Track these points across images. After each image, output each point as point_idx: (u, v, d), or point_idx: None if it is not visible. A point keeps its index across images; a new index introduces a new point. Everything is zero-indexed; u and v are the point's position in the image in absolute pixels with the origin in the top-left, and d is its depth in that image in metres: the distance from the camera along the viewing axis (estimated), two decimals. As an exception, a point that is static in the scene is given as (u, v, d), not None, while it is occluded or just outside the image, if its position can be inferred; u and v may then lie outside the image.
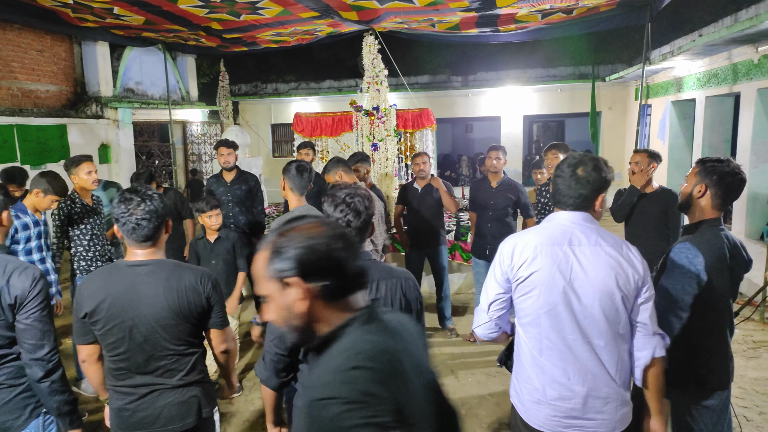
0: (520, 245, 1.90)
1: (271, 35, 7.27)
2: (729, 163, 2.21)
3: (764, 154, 7.09)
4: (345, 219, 1.84)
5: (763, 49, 6.81)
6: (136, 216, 1.98)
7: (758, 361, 4.61)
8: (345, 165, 4.01)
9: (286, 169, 3.20)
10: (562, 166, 1.95)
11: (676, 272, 2.12)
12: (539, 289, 1.84)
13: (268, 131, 16.02)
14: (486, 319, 1.99)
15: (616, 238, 1.91)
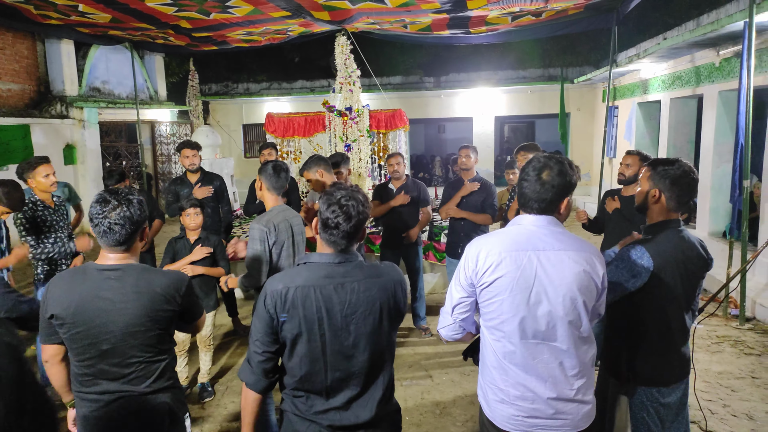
0: (484, 250, 1.88)
1: (242, 34, 7.19)
2: (680, 164, 2.24)
3: (726, 154, 7.32)
4: (335, 221, 1.83)
5: (724, 53, 7.03)
6: (110, 220, 1.93)
7: (722, 356, 4.75)
8: (326, 163, 3.95)
9: (263, 169, 3.18)
10: (527, 169, 1.93)
11: (617, 267, 2.21)
12: (503, 295, 1.85)
13: (240, 131, 15.84)
14: (450, 321, 2.00)
15: (581, 242, 1.93)
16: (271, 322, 1.82)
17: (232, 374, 4.55)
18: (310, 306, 1.80)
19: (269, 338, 1.84)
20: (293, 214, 3.25)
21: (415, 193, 5.14)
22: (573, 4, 5.89)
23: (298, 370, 1.85)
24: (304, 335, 1.82)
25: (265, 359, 1.85)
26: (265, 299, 1.83)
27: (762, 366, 4.53)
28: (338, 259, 1.87)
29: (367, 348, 1.85)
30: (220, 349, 5.04)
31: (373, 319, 1.85)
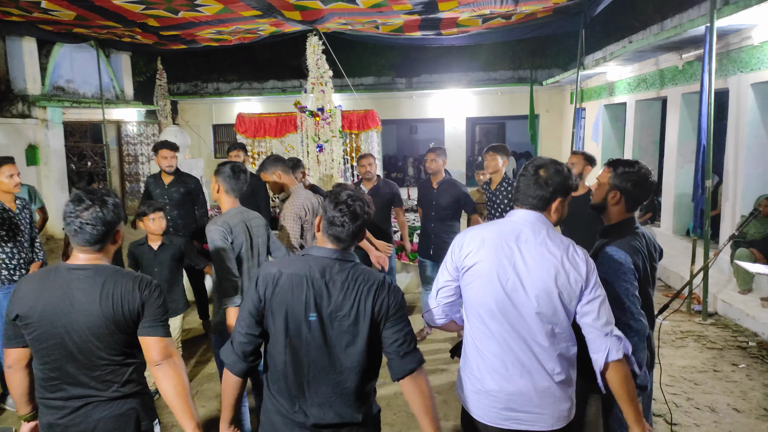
0: (469, 237, 1.99)
1: (212, 33, 7.09)
2: (639, 167, 2.29)
3: (689, 154, 7.54)
4: (342, 220, 1.86)
5: (687, 56, 7.24)
6: (81, 219, 1.90)
7: (685, 350, 4.89)
8: (284, 164, 3.82)
9: (220, 171, 3.08)
10: (527, 166, 2.02)
11: (617, 278, 2.13)
12: (482, 279, 1.91)
13: (210, 132, 15.61)
14: (434, 304, 2.08)
15: (565, 240, 1.96)
16: (259, 304, 1.86)
17: (203, 378, 4.48)
18: (299, 295, 1.84)
19: (253, 320, 1.87)
20: (252, 215, 3.16)
21: (388, 193, 5.15)
22: (542, 7, 5.99)
23: (281, 359, 1.86)
24: (290, 322, 1.84)
25: (247, 341, 1.88)
26: (257, 280, 1.89)
27: (723, 360, 4.68)
28: (336, 255, 1.89)
29: (350, 347, 1.86)
30: (190, 353, 4.96)
31: (359, 320, 1.85)
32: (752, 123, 6.12)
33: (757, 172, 6.22)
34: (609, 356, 1.87)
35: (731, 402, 3.94)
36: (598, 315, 1.88)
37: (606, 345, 1.87)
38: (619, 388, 1.90)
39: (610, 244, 2.24)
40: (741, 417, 3.74)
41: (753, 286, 5.88)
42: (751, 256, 5.78)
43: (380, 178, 5.26)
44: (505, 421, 1.92)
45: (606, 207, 2.35)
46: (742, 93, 6.20)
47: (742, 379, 4.30)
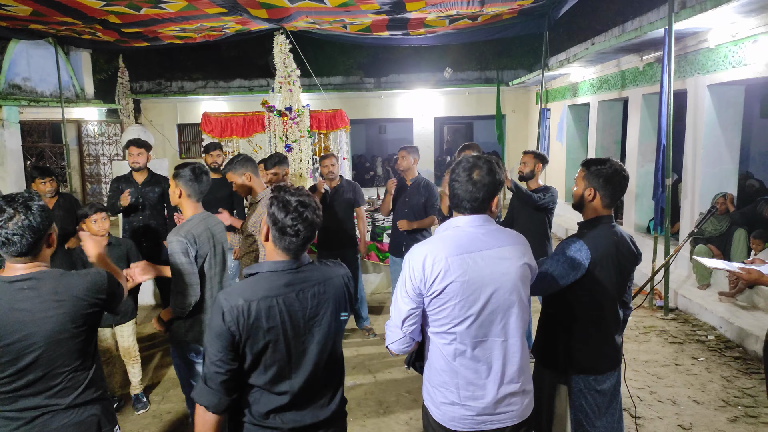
0: (430, 258, 1.86)
1: (175, 31, 6.95)
2: (611, 164, 2.36)
3: (649, 154, 7.76)
4: (295, 229, 1.78)
5: (647, 58, 7.44)
6: (7, 231, 1.80)
7: (648, 345, 5.03)
8: (254, 165, 3.70)
9: (181, 174, 2.88)
10: (457, 170, 1.95)
11: (557, 260, 2.29)
12: (455, 300, 1.86)
13: (174, 131, 15.29)
14: (401, 335, 1.94)
15: (514, 235, 2.00)
16: (233, 339, 1.74)
17: (168, 383, 4.38)
18: (274, 317, 1.77)
19: (231, 355, 1.75)
20: (214, 221, 3.02)
21: (350, 193, 5.14)
22: (507, 9, 6.07)
23: (262, 378, 1.81)
24: (270, 347, 1.78)
25: (228, 377, 1.76)
26: (223, 316, 1.73)
27: (684, 353, 4.83)
28: (295, 265, 1.84)
29: (325, 347, 1.87)
30: (154, 357, 4.85)
31: (331, 319, 1.87)
32: (709, 123, 6.34)
33: (713, 170, 6.43)
34: None
35: (691, 394, 4.07)
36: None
37: None
38: None
39: (581, 236, 2.33)
40: (701, 408, 3.87)
41: (711, 282, 6.08)
42: (709, 252, 5.98)
43: (342, 178, 5.25)
44: (479, 425, 1.94)
45: (583, 205, 2.41)
46: (700, 94, 6.41)
47: (701, 372, 4.44)
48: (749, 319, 5.12)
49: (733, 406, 3.88)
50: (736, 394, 4.06)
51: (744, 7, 4.86)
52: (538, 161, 4.45)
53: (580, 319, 2.35)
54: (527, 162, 4.46)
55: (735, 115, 6.36)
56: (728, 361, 4.63)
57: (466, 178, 1.92)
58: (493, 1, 5.64)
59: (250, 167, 3.63)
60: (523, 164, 4.48)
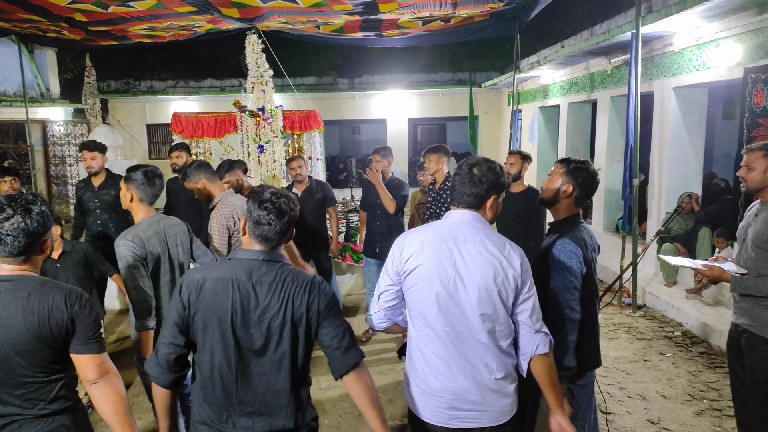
0: (408, 240, 1.99)
1: (144, 29, 6.82)
2: (589, 164, 2.43)
3: (617, 155, 7.93)
4: (268, 218, 1.83)
5: (615, 61, 7.61)
6: (1, 230, 1.77)
7: (617, 342, 5.14)
8: (208, 171, 3.64)
9: (132, 178, 2.82)
10: (462, 165, 2.05)
11: (564, 270, 2.24)
12: (423, 282, 1.93)
13: (143, 132, 15.00)
14: (377, 309, 2.08)
15: (501, 238, 2.01)
16: (183, 312, 1.82)
17: (137, 389, 4.29)
18: (225, 299, 1.80)
19: (178, 329, 1.83)
20: (170, 222, 2.95)
21: (320, 194, 5.13)
22: (479, 11, 6.13)
23: (207, 368, 1.82)
24: (216, 327, 1.80)
25: (172, 351, 1.84)
26: (180, 288, 1.84)
27: (652, 349, 4.95)
28: (264, 256, 1.86)
29: (279, 348, 1.83)
30: (124, 364, 4.74)
31: (289, 321, 1.82)
32: (675, 125, 6.51)
33: (679, 171, 6.61)
34: (537, 350, 1.97)
35: (659, 389, 4.18)
36: (532, 312, 1.97)
37: (536, 341, 1.97)
38: (543, 377, 2.01)
39: (563, 237, 2.32)
40: (668, 403, 3.97)
41: (678, 279, 6.25)
42: (676, 250, 6.14)
43: (312, 179, 5.23)
44: (451, 420, 1.95)
45: (557, 201, 2.43)
46: (666, 96, 6.58)
47: (668, 368, 4.56)
48: (713, 315, 5.28)
49: (698, 399, 4.00)
50: (701, 388, 4.18)
51: (707, 12, 5.01)
52: (524, 161, 4.42)
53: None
54: (514, 163, 4.39)
55: (699, 117, 6.55)
56: (694, 356, 4.76)
57: (467, 172, 2.01)
58: (466, 4, 5.70)
59: (203, 173, 3.58)
60: (510, 165, 4.41)
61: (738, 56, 5.28)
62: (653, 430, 3.62)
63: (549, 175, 2.51)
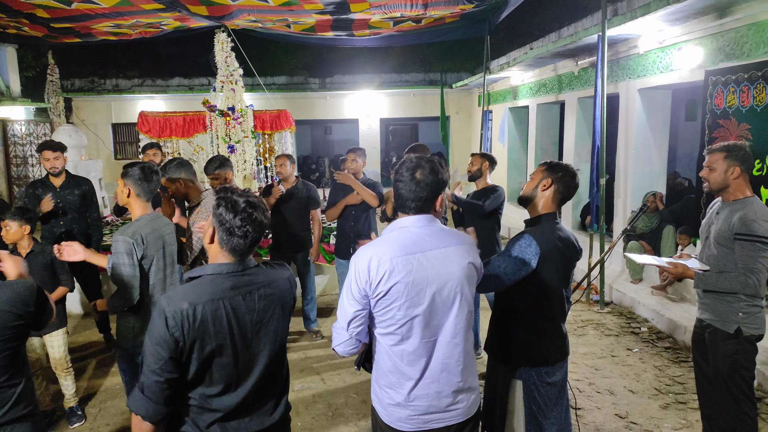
0: (375, 259, 1.86)
1: (109, 27, 6.65)
2: (570, 167, 2.50)
3: (585, 155, 8.09)
4: (244, 230, 1.74)
5: (582, 63, 7.76)
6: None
7: (586, 338, 5.24)
8: (189, 170, 3.61)
9: (129, 173, 2.83)
10: (401, 170, 1.96)
11: (508, 256, 2.36)
12: (400, 300, 1.87)
13: (109, 131, 14.64)
14: (346, 337, 1.93)
15: (459, 235, 2.03)
16: (176, 346, 1.66)
17: (105, 395, 4.19)
18: (220, 321, 1.71)
19: (172, 364, 1.67)
20: (164, 221, 2.96)
21: (305, 195, 5.09)
22: (450, 12, 6.18)
23: (208, 387, 1.75)
24: (216, 353, 1.73)
25: (168, 386, 1.68)
26: (166, 321, 1.65)
27: (620, 345, 5.06)
28: (241, 267, 1.80)
29: (273, 351, 1.85)
30: (91, 369, 4.62)
31: (277, 322, 1.85)
32: (639, 125, 6.67)
33: (644, 170, 6.78)
34: None
35: (627, 384, 4.27)
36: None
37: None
38: None
39: (529, 232, 2.40)
40: (636, 397, 4.06)
41: (643, 276, 6.40)
42: (641, 248, 6.29)
43: (299, 179, 5.18)
44: (425, 424, 1.95)
45: (534, 197, 2.48)
46: (631, 98, 6.73)
47: (635, 363, 4.67)
48: (678, 311, 5.43)
49: (664, 393, 4.10)
50: (667, 382, 4.29)
51: (670, 15, 5.14)
52: (484, 160, 4.54)
53: (532, 312, 2.43)
54: (474, 162, 4.56)
55: (663, 118, 6.73)
56: (660, 351, 4.89)
57: (410, 177, 1.93)
58: (436, 5, 5.73)
59: (183, 172, 3.55)
60: (471, 164, 4.58)
61: (699, 59, 5.44)
62: (621, 425, 3.70)
63: (530, 176, 2.56)
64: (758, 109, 4.64)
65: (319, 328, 5.32)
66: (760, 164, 4.59)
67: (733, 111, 4.93)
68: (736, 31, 4.93)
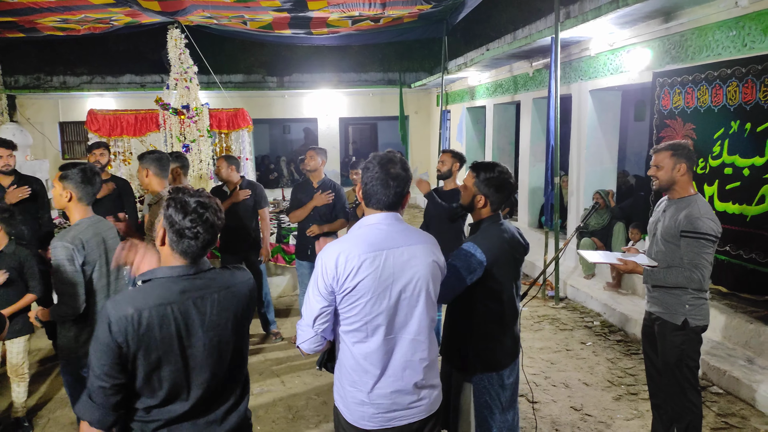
0: (342, 256, 1.86)
1: (56, 21, 6.39)
2: (499, 169, 2.47)
3: (540, 154, 8.28)
4: (194, 231, 1.68)
5: (536, 64, 7.93)
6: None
7: (542, 333, 5.37)
8: (158, 166, 3.59)
9: (69, 176, 2.71)
10: (373, 167, 1.95)
11: (453, 266, 2.34)
12: (366, 297, 1.86)
13: (56, 130, 14.07)
14: (312, 334, 1.92)
15: (423, 234, 2.04)
16: (120, 351, 1.62)
17: (54, 404, 4.02)
18: (167, 327, 1.65)
19: (117, 369, 1.63)
20: (107, 226, 2.85)
21: (251, 195, 5.02)
22: (408, 12, 6.21)
23: (157, 396, 1.69)
24: (163, 359, 1.66)
25: (115, 392, 1.64)
26: (110, 326, 1.61)
27: (574, 339, 5.20)
28: (193, 270, 1.73)
29: (229, 358, 1.79)
30: (38, 377, 4.43)
31: (233, 328, 1.79)
32: (591, 126, 6.88)
33: (596, 169, 6.99)
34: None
35: (581, 377, 4.40)
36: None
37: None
38: None
39: (474, 240, 2.41)
40: (590, 390, 4.19)
41: (596, 271, 6.60)
42: (593, 244, 6.49)
43: (244, 179, 5.11)
44: (389, 421, 1.95)
45: (474, 209, 2.51)
46: (583, 99, 6.93)
47: (589, 356, 4.81)
48: (629, 304, 5.62)
49: (617, 385, 4.24)
50: (619, 374, 4.44)
51: (620, 19, 5.32)
52: (455, 160, 4.46)
53: (482, 317, 2.44)
54: (445, 161, 4.46)
55: (613, 118, 6.95)
56: (612, 344, 5.05)
57: (384, 174, 1.93)
58: (394, 5, 5.75)
59: (154, 165, 3.54)
60: (441, 163, 4.48)
61: (647, 61, 5.64)
62: (577, 417, 3.81)
63: (463, 182, 2.56)
64: (702, 110, 4.86)
65: (278, 330, 5.25)
66: (703, 163, 4.80)
67: (679, 111, 5.14)
68: (681, 35, 5.14)
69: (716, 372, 4.19)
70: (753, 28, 4.31)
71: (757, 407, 3.81)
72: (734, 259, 4.52)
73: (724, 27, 4.60)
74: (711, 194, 4.73)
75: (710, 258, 2.79)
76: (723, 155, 4.63)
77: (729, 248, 4.54)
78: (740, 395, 3.96)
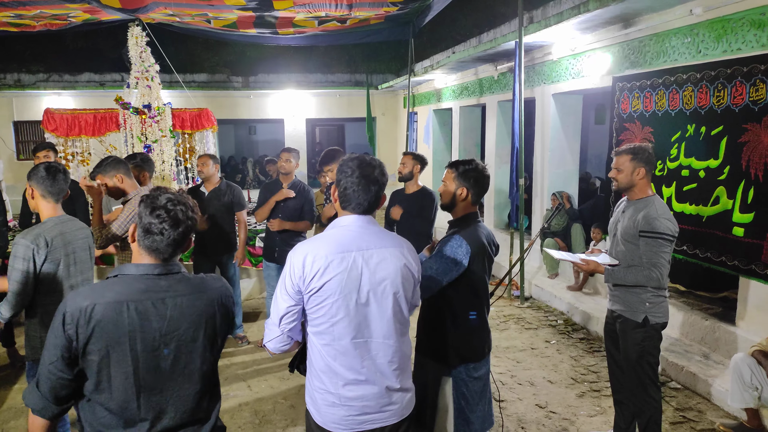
0: (310, 256, 1.85)
1: (9, 17, 6.15)
2: (476, 163, 2.55)
3: (505, 156, 8.40)
4: (160, 227, 1.64)
5: (501, 68, 8.05)
6: None
7: (508, 332, 5.44)
8: (126, 168, 3.55)
9: (34, 173, 2.71)
10: (349, 170, 1.94)
11: (440, 258, 2.42)
12: (333, 298, 1.85)
13: (10, 130, 13.55)
14: (278, 332, 1.92)
15: (397, 238, 2.04)
16: (70, 345, 1.59)
17: (9, 413, 3.86)
18: (121, 324, 1.60)
19: (64, 362, 1.61)
20: (75, 225, 2.80)
21: (229, 197, 4.94)
22: (374, 14, 6.22)
23: (107, 398, 1.63)
24: (113, 358, 1.61)
25: (60, 386, 1.63)
26: (63, 318, 1.60)
27: (539, 338, 5.29)
28: (159, 270, 1.69)
29: (190, 368, 1.71)
30: None
31: (198, 337, 1.71)
32: (554, 128, 7.02)
33: (558, 171, 7.14)
34: None
35: (546, 375, 4.47)
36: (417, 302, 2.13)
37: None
38: None
39: (458, 233, 2.46)
40: (554, 387, 4.26)
41: (559, 271, 6.74)
42: (556, 244, 6.62)
43: (222, 180, 5.02)
44: (360, 425, 1.94)
45: (456, 204, 2.54)
46: (546, 102, 7.07)
47: (553, 354, 4.90)
48: (591, 303, 5.75)
49: (580, 382, 4.34)
50: (582, 371, 4.53)
51: (581, 24, 5.45)
52: (416, 162, 4.55)
53: (462, 310, 2.50)
54: (406, 163, 4.55)
55: (575, 122, 7.11)
56: (575, 342, 5.16)
57: (361, 176, 1.92)
58: (361, 6, 5.75)
59: (121, 168, 3.54)
60: (402, 165, 4.57)
61: (608, 66, 5.79)
62: (542, 414, 3.87)
63: (443, 181, 2.60)
64: (659, 114, 5.01)
65: (245, 333, 5.18)
66: (661, 165, 4.95)
67: (638, 115, 5.30)
68: (639, 40, 5.29)
69: (674, 368, 4.32)
70: (706, 36, 4.48)
71: (712, 401, 3.95)
72: (691, 258, 4.68)
73: (680, 34, 4.76)
74: (669, 195, 4.89)
75: (668, 257, 2.89)
76: (680, 158, 4.79)
77: (686, 247, 4.70)
78: (697, 390, 4.10)
